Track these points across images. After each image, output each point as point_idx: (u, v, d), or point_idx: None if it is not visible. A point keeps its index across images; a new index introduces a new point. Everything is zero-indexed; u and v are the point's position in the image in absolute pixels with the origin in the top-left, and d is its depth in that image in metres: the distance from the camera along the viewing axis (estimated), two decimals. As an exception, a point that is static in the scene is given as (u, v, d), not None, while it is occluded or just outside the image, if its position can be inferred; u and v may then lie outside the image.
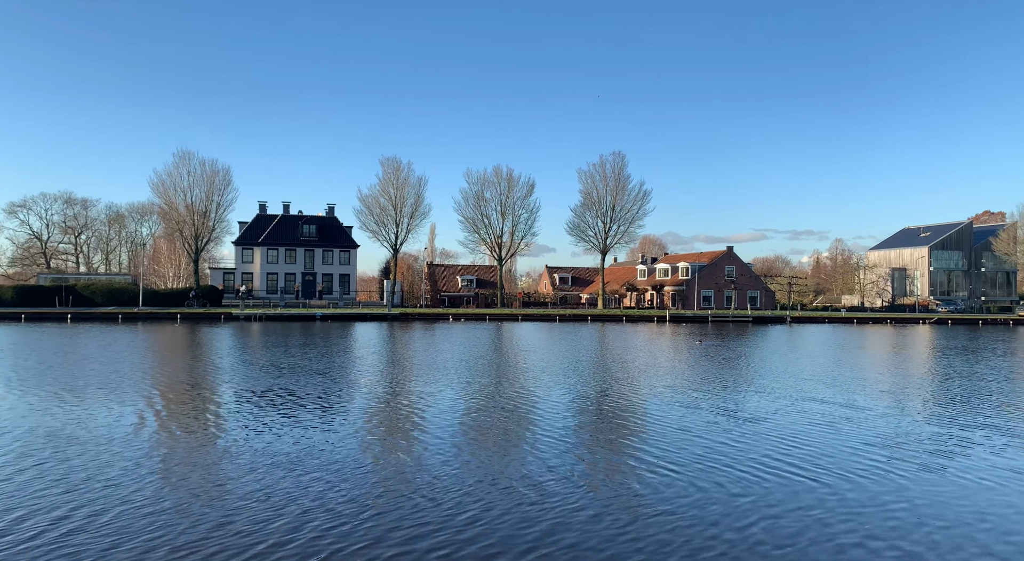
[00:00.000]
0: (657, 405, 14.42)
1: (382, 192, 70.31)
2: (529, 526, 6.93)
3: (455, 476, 8.70)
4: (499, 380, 18.33)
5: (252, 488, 8.09)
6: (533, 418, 12.78)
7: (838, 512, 7.42)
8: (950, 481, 8.73)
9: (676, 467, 9.25)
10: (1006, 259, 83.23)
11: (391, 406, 14.07)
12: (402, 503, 7.61)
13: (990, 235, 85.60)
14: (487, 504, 7.59)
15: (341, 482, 8.37)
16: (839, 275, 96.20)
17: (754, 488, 8.28)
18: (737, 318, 62.91)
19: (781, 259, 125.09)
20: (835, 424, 12.39)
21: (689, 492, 8.09)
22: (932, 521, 7.20)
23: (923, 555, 6.30)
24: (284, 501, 7.63)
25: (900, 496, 8.04)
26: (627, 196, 73.66)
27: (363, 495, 7.87)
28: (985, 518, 7.33)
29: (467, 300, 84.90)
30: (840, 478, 8.76)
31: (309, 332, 39.07)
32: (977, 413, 13.77)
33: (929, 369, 22.39)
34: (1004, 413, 13.86)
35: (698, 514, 7.33)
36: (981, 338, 41.10)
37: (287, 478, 8.51)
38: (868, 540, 6.62)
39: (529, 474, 8.85)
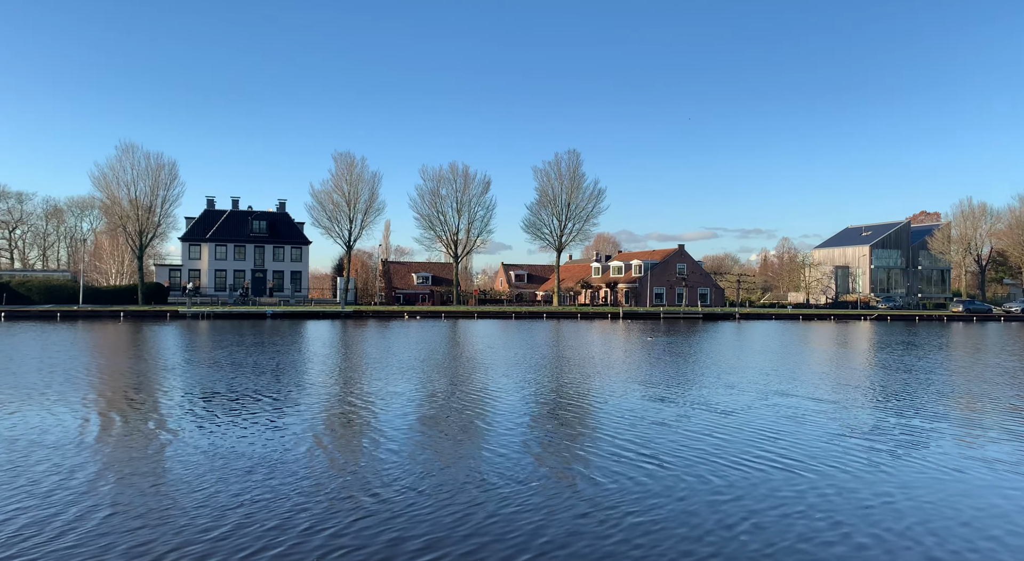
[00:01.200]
0: (620, 400, 14.59)
1: (335, 188, 69.24)
2: (491, 522, 6.93)
3: (413, 475, 8.64)
4: (455, 378, 18.27)
5: (198, 490, 7.86)
6: (490, 415, 12.78)
7: (821, 504, 7.62)
8: (920, 469, 9.06)
9: (656, 461, 9.38)
10: (941, 257, 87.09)
11: (345, 405, 13.88)
12: (357, 502, 7.51)
13: (926, 235, 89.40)
14: (444, 502, 7.56)
15: (292, 482, 8.21)
16: (786, 273, 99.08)
17: (735, 480, 8.45)
18: (688, 315, 64.18)
19: (730, 257, 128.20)
20: (804, 417, 12.73)
21: (675, 484, 8.22)
22: (907, 507, 7.47)
23: (902, 542, 6.54)
24: (233, 502, 7.44)
25: (877, 485, 8.32)
26: (582, 194, 74.34)
27: (316, 495, 7.74)
28: (957, 505, 7.60)
29: (422, 298, 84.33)
30: (823, 470, 9.01)
31: (259, 330, 38.23)
32: (933, 404, 14.35)
33: (881, 363, 23.24)
34: (958, 404, 14.48)
35: (684, 507, 7.45)
36: (919, 333, 42.92)
37: (235, 479, 8.31)
38: (855, 533, 6.83)
39: (487, 470, 8.85)
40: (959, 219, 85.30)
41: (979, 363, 23.62)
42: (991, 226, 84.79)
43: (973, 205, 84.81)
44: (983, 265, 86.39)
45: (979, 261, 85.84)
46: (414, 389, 16.01)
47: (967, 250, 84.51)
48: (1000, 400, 15.23)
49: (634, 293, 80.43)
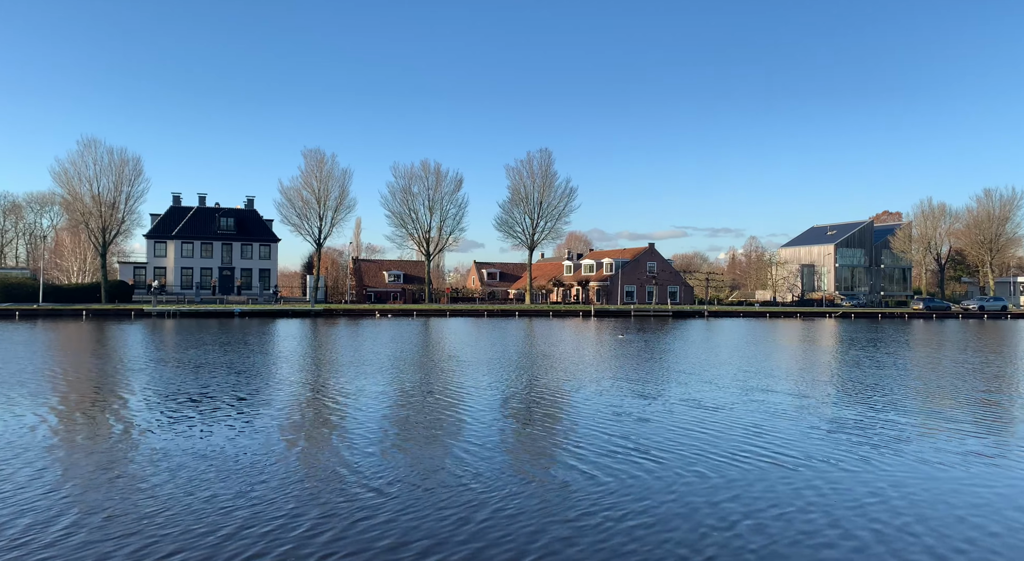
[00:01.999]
0: (602, 397, 14.72)
1: (304, 185, 68.48)
2: (461, 522, 6.97)
3: (385, 474, 8.64)
4: (428, 376, 18.26)
5: (166, 491, 7.77)
6: (465, 414, 12.81)
7: (818, 500, 7.77)
8: (908, 463, 9.29)
9: (650, 457, 9.50)
10: (902, 256, 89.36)
11: (315, 404, 13.79)
12: (325, 502, 7.50)
13: (888, 234, 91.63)
14: (416, 500, 7.58)
15: (262, 483, 8.16)
16: (753, 271, 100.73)
17: (733, 476, 8.59)
18: (658, 312, 64.89)
19: (699, 255, 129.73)
20: (788, 413, 12.98)
21: (675, 480, 8.33)
22: (901, 501, 7.69)
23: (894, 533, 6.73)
24: (202, 504, 7.37)
25: (871, 481, 8.53)
26: (554, 193, 74.63)
27: (285, 495, 7.70)
28: (949, 498, 7.79)
29: (394, 296, 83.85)
30: (816, 466, 9.20)
31: (227, 329, 37.66)
32: (909, 399, 14.74)
33: (854, 361, 23.73)
34: (932, 399, 14.90)
35: (683, 503, 7.57)
36: (884, 330, 44.02)
37: (204, 480, 8.22)
38: (856, 528, 7.00)
39: (460, 469, 8.89)
40: (919, 219, 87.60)
41: (947, 359, 24.33)
42: (950, 226, 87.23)
43: (933, 205, 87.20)
44: (942, 264, 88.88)
45: (939, 260, 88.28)
46: (386, 388, 15.96)
47: (927, 249, 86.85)
48: (971, 394, 15.73)
49: (605, 291, 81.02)
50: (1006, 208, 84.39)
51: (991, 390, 16.52)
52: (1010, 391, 16.53)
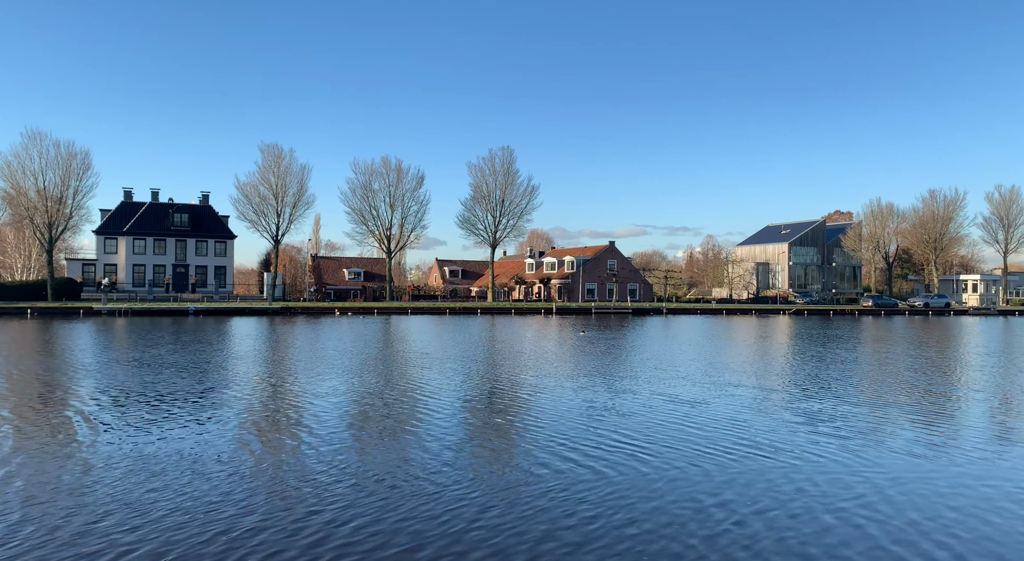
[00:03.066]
0: (576, 393, 14.85)
1: (262, 180, 67.20)
2: (426, 520, 7.00)
3: (344, 474, 8.60)
4: (389, 374, 18.16)
5: (117, 494, 7.60)
6: (427, 412, 12.80)
7: (816, 491, 7.98)
8: (889, 454, 9.62)
9: (643, 452, 9.62)
10: (853, 255, 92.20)
11: (273, 403, 13.61)
12: (285, 503, 7.44)
13: (840, 233, 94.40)
14: (378, 500, 7.58)
15: (218, 485, 8.04)
16: (710, 269, 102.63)
17: (729, 470, 8.77)
18: (618, 310, 65.64)
19: (659, 253, 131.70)
20: (763, 407, 13.28)
21: (675, 475, 8.45)
22: (894, 492, 7.96)
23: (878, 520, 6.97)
24: (154, 508, 7.24)
25: (861, 472, 8.80)
26: (516, 190, 74.83)
27: (242, 497, 7.60)
28: (936, 487, 8.10)
29: (354, 293, 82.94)
30: (806, 458, 9.45)
31: (181, 327, 36.77)
32: (875, 392, 15.23)
33: (816, 356, 24.34)
34: (897, 391, 15.42)
35: (686, 497, 7.69)
36: (836, 326, 45.39)
37: (156, 483, 8.07)
38: (859, 520, 7.21)
39: (423, 468, 8.90)
40: (869, 218, 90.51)
41: (905, 354, 25.19)
42: (897, 225, 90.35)
43: (882, 205, 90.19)
44: (890, 262, 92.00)
45: (887, 258, 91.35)
46: (346, 386, 15.83)
47: (876, 248, 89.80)
48: (928, 386, 16.35)
49: (567, 289, 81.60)
50: (949, 208, 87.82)
51: (947, 382, 17.22)
52: (958, 383, 17.26)
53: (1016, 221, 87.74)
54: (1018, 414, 13.10)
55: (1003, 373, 19.49)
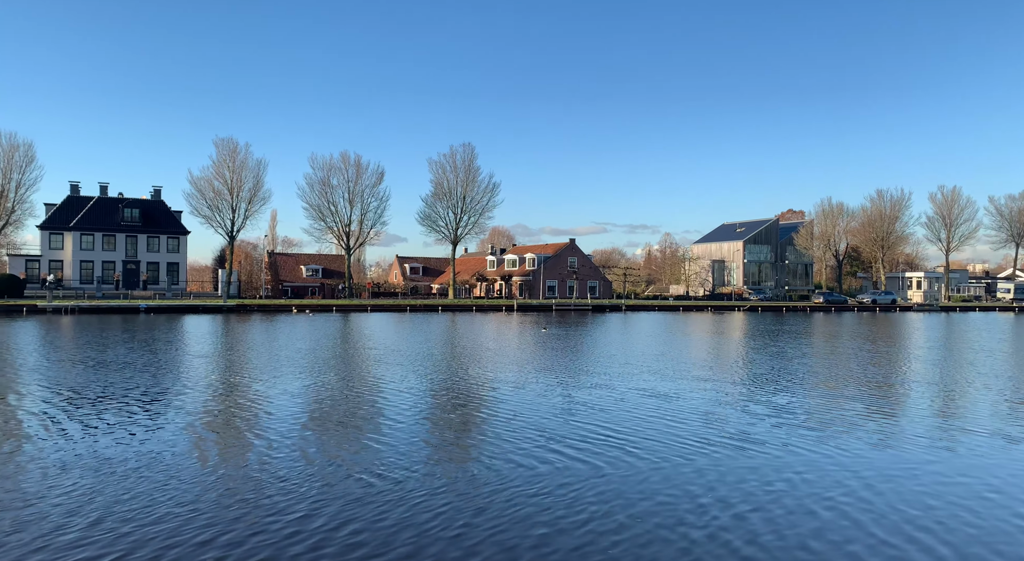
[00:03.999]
0: (516, 389, 14.91)
1: (216, 175, 65.64)
2: (385, 521, 6.98)
3: (301, 474, 8.51)
4: (348, 373, 17.99)
5: (65, 496, 7.39)
6: (390, 410, 12.73)
7: (800, 481, 8.19)
8: (865, 446, 9.92)
9: (625, 445, 9.68)
10: (805, 253, 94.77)
11: (227, 403, 13.35)
12: (242, 505, 7.33)
13: (792, 231, 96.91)
14: (338, 501, 7.53)
15: (170, 486, 7.88)
16: (668, 266, 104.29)
17: (713, 461, 8.90)
18: (578, 307, 66.17)
19: (618, 251, 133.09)
20: (736, 401, 13.54)
21: (669, 470, 8.53)
22: (881, 482, 8.19)
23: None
24: (106, 510, 7.06)
25: (843, 460, 9.03)
26: (477, 187, 74.71)
27: (196, 499, 7.47)
28: (921, 476, 8.40)
29: (312, 291, 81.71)
30: (790, 449, 9.65)
31: (131, 326, 35.71)
32: (843, 386, 15.68)
33: (780, 352, 24.91)
34: (862, 385, 15.90)
35: (678, 489, 7.77)
36: (790, 322, 46.61)
37: (106, 484, 7.86)
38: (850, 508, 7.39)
39: (384, 468, 8.86)
40: (820, 217, 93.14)
41: (861, 349, 26.00)
42: (847, 224, 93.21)
43: (832, 205, 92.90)
44: (840, 260, 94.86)
45: (837, 256, 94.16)
46: (304, 385, 15.62)
47: (827, 246, 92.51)
48: (891, 379, 16.94)
49: (528, 286, 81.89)
50: (896, 208, 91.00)
51: (901, 375, 17.88)
52: (912, 375, 17.94)
53: (957, 221, 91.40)
54: (965, 404, 13.71)
55: (950, 366, 20.34)
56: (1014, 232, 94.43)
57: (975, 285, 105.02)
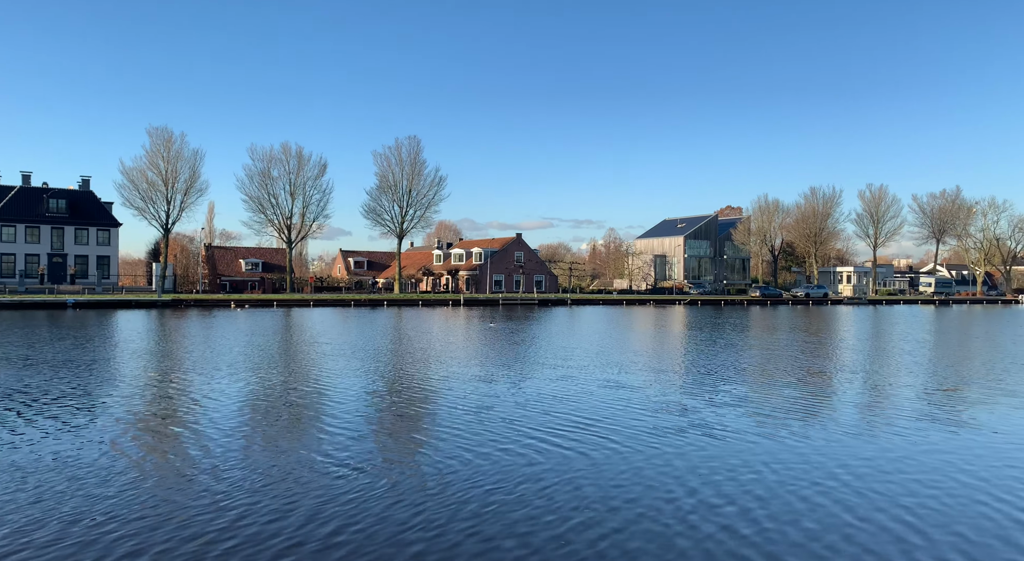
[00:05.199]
0: (456, 384, 14.93)
1: (150, 165, 63.09)
2: (326, 519, 6.93)
3: (240, 474, 8.34)
4: (289, 369, 17.66)
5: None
6: (333, 407, 12.57)
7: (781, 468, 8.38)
8: (816, 431, 10.26)
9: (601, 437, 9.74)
10: (742, 248, 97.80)
11: (162, 402, 12.93)
12: (180, 506, 7.15)
13: (731, 227, 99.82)
14: (281, 500, 7.42)
15: (103, 489, 7.61)
16: (612, 261, 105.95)
17: (688, 450, 9.04)
18: (525, 301, 66.58)
19: (564, 246, 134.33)
20: (697, 391, 13.82)
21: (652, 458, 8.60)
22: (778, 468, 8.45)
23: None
24: (33, 521, 6.78)
25: (819, 446, 9.29)
26: (423, 181, 74.07)
27: (132, 501, 7.24)
28: (903, 466, 8.74)
29: (252, 285, 79.62)
30: (762, 438, 9.87)
31: (58, 322, 34.05)
32: (791, 377, 16.21)
33: (731, 343, 25.64)
34: (815, 377, 16.47)
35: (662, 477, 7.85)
36: (727, 315, 48.06)
37: (32, 487, 7.54)
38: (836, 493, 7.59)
39: (325, 466, 8.78)
40: (757, 213, 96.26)
41: (803, 341, 27.03)
42: (782, 220, 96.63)
43: (768, 201, 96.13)
44: (775, 255, 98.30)
45: (773, 251, 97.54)
46: (243, 383, 15.25)
47: (763, 241, 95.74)
48: (836, 369, 17.66)
49: (474, 280, 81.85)
50: (828, 205, 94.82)
51: (845, 365, 18.71)
52: (848, 365, 18.81)
53: (884, 217, 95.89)
54: (895, 392, 14.47)
55: (883, 356, 21.42)
56: (935, 229, 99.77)
57: (900, 279, 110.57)
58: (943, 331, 34.58)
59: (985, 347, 25.02)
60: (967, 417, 11.71)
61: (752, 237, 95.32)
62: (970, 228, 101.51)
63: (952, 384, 15.66)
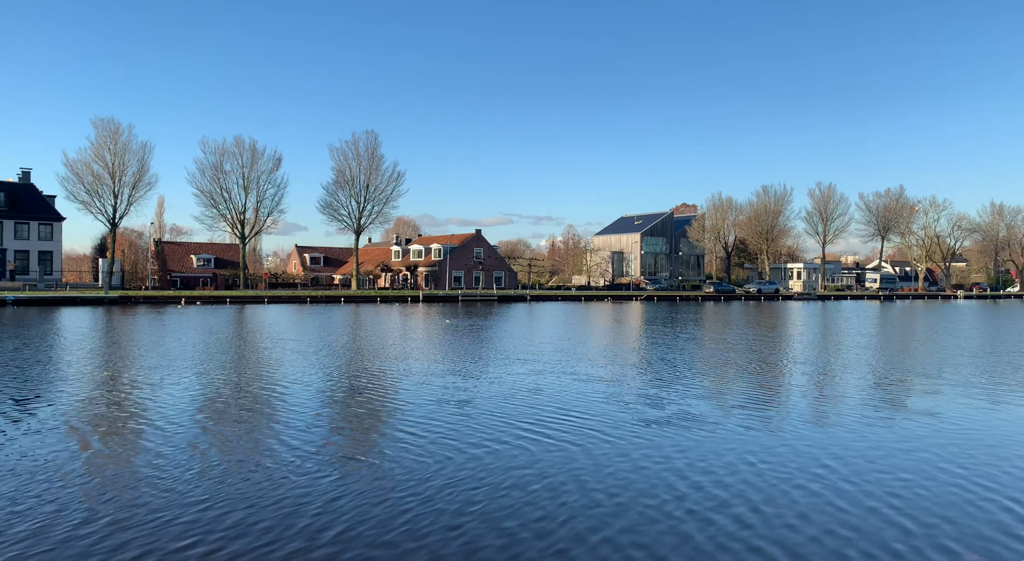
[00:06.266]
0: (418, 381, 14.86)
1: (96, 157, 60.92)
2: (291, 518, 6.84)
3: (194, 473, 8.17)
4: (241, 366, 17.31)
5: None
6: (289, 405, 12.37)
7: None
8: (789, 422, 10.46)
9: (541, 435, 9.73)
10: (697, 245, 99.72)
11: (109, 401, 12.53)
12: (134, 508, 6.97)
13: (686, 224, 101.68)
14: (236, 499, 7.30)
15: (52, 490, 7.36)
16: (571, 257, 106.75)
17: (661, 441, 9.09)
18: (484, 297, 66.60)
19: (523, 242, 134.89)
20: (668, 383, 13.96)
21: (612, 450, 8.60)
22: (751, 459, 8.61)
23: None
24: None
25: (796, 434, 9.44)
26: (381, 176, 73.35)
27: (80, 503, 7.02)
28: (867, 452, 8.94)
29: (204, 281, 77.67)
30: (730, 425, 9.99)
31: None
32: (758, 371, 16.54)
33: (693, 337, 26.04)
34: (773, 370, 16.82)
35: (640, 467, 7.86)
36: (683, 311, 48.93)
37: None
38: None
39: (282, 464, 8.66)
40: (711, 211, 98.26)
41: (763, 336, 27.66)
42: (736, 217, 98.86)
43: (722, 199, 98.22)
44: (729, 251, 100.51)
45: (726, 248, 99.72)
46: (193, 381, 14.88)
47: (717, 238, 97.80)
48: (792, 362, 18.11)
49: (434, 276, 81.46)
50: (779, 202, 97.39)
51: (795, 357, 19.23)
52: (804, 358, 19.36)
53: (833, 215, 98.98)
54: (843, 384, 14.98)
55: (835, 349, 22.15)
56: (880, 227, 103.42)
57: (847, 275, 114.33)
58: (888, 326, 35.91)
59: (927, 341, 26.11)
60: (911, 403, 12.22)
61: (706, 234, 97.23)
62: (912, 226, 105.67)
63: (899, 376, 16.30)
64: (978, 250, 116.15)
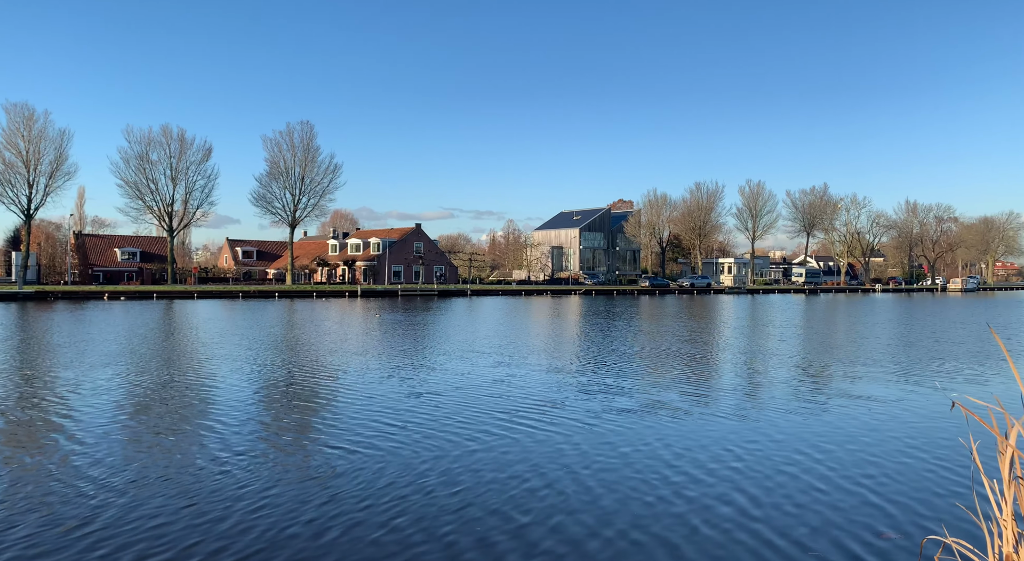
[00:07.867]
0: (349, 378, 14.69)
1: (7, 145, 57.42)
2: (222, 519, 6.70)
3: (116, 477, 7.89)
4: (166, 365, 16.71)
5: None
6: (216, 405, 12.04)
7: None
8: (698, 419, 10.70)
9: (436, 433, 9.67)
10: (633, 240, 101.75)
11: (21, 400, 11.92)
12: (53, 510, 6.68)
13: (623, 220, 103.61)
14: (151, 497, 7.09)
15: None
16: (511, 252, 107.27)
17: (622, 434, 9.12)
18: (424, 292, 66.16)
19: (464, 236, 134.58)
20: (619, 374, 14.09)
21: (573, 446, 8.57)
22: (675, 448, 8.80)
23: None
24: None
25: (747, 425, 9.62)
26: (317, 168, 71.82)
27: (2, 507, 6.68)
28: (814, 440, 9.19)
29: (129, 276, 74.35)
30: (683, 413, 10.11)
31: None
32: (665, 368, 16.92)
33: (635, 329, 26.49)
34: (729, 363, 17.24)
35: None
36: (620, 305, 49.88)
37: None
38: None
39: (207, 465, 8.45)
40: (647, 207, 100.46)
41: (698, 329, 28.42)
42: (670, 214, 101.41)
43: (657, 195, 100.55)
44: (664, 247, 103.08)
45: (661, 243, 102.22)
46: (117, 380, 14.28)
47: (653, 234, 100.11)
48: (728, 354, 18.67)
49: (373, 271, 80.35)
50: (711, 199, 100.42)
51: (744, 350, 19.89)
52: (754, 350, 20.06)
53: (762, 211, 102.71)
54: (773, 374, 15.63)
55: (763, 339, 23.06)
56: (805, 223, 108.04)
57: (775, 270, 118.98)
58: (812, 317, 37.65)
59: (848, 332, 27.53)
60: (833, 389, 12.91)
61: (642, 229, 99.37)
62: (835, 222, 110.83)
63: (819, 366, 17.15)
64: (894, 246, 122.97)
